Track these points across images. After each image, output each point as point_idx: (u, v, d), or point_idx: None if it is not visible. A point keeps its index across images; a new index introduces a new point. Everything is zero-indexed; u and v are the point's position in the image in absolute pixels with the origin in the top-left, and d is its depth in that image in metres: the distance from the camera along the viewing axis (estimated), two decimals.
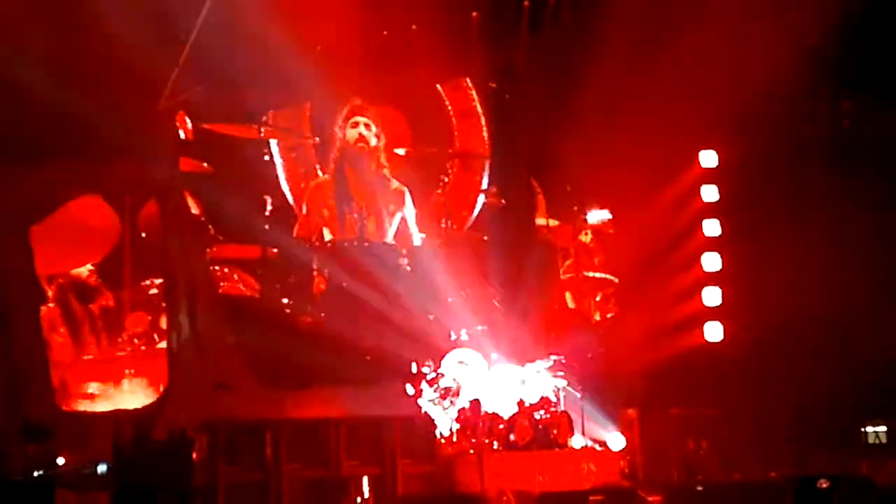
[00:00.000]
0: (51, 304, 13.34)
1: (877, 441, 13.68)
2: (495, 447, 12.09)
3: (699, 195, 14.98)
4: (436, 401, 12.46)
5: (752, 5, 14.24)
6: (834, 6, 14.27)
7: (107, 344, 13.42)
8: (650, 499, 11.16)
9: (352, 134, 15.01)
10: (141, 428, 10.94)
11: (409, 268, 14.24)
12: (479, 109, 16.35)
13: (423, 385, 12.55)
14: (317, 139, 15.40)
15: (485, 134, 16.24)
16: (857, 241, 14.30)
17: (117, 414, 11.56)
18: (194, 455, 10.54)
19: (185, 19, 12.36)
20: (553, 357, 12.97)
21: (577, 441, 12.34)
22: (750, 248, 14.57)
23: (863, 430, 13.75)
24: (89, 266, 13.61)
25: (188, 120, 13.78)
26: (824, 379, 13.88)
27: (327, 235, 14.91)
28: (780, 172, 14.68)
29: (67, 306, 13.45)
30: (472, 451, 11.85)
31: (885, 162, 14.50)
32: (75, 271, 13.53)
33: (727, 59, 14.23)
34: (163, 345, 12.93)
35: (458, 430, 12.21)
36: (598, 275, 15.40)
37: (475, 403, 12.29)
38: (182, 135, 13.54)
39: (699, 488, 12.44)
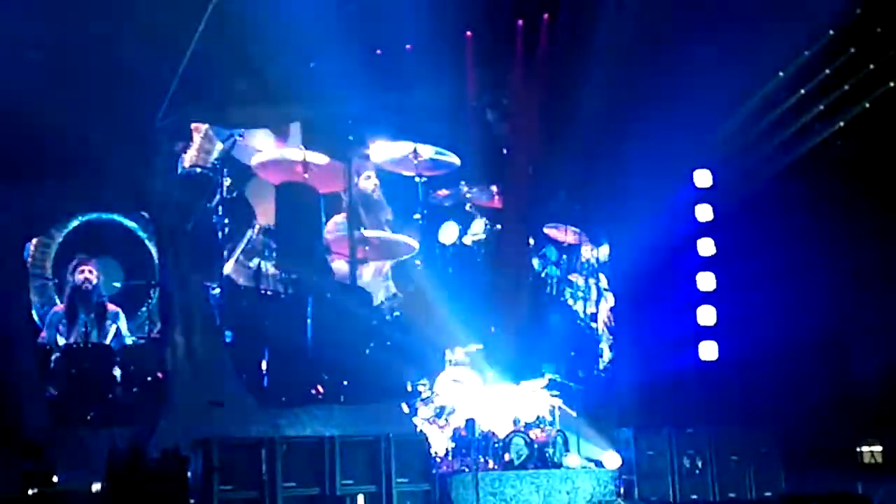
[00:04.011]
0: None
1: (872, 461, 13.67)
2: (491, 466, 12.06)
3: (694, 214, 15.00)
4: (431, 419, 12.44)
5: (746, 24, 14.27)
6: (827, 23, 14.35)
7: None
8: None
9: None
10: (136, 446, 10.91)
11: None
12: None
13: (419, 404, 12.53)
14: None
15: None
16: (852, 259, 14.34)
17: (112, 431, 11.50)
18: (189, 473, 10.50)
19: (182, 37, 12.32)
20: (548, 375, 12.94)
21: (572, 460, 12.30)
22: (744, 267, 14.58)
23: (858, 449, 13.73)
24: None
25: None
26: (820, 398, 13.90)
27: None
28: (774, 192, 14.71)
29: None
30: (467, 470, 11.81)
31: (880, 180, 14.53)
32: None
33: (722, 78, 14.26)
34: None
35: (453, 448, 12.19)
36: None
37: (470, 422, 12.25)
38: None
39: None
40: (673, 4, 14.34)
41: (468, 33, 15.45)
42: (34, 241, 13.43)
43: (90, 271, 12.87)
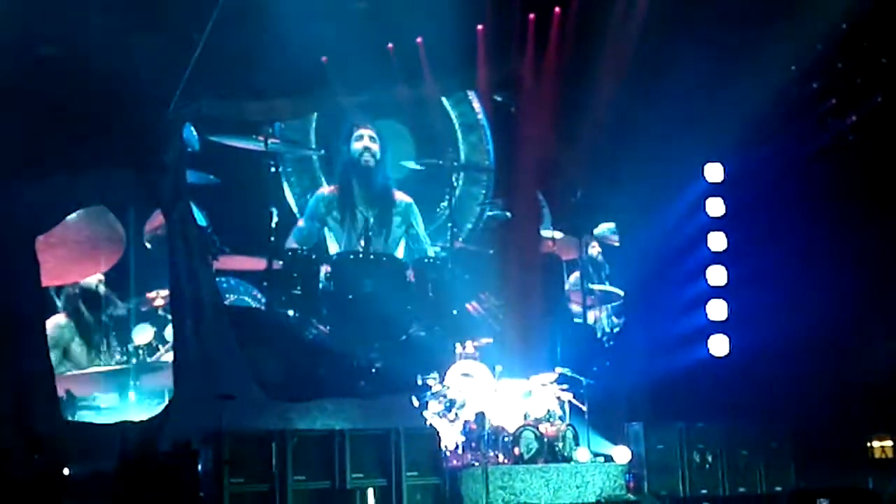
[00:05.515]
0: (61, 314, 13.42)
1: (883, 456, 13.65)
2: (501, 460, 12.07)
3: (704, 208, 14.99)
4: (441, 413, 12.44)
5: (757, 18, 14.24)
6: (839, 18, 14.31)
7: (116, 353, 13.48)
8: None
9: (357, 147, 15.07)
10: (146, 439, 10.95)
11: (414, 280, 14.32)
12: (484, 122, 16.53)
13: (429, 397, 12.54)
14: (322, 151, 15.59)
15: (489, 147, 16.45)
16: (863, 254, 14.29)
17: (123, 425, 11.54)
18: (199, 466, 10.54)
19: (194, 30, 12.32)
20: (559, 369, 12.93)
21: (582, 454, 12.30)
22: (755, 261, 14.55)
23: (869, 444, 13.72)
24: (99, 276, 13.68)
25: (195, 131, 13.87)
26: (830, 393, 13.86)
27: (332, 247, 14.97)
28: (785, 186, 14.67)
29: (78, 314, 13.52)
30: (477, 464, 11.82)
31: (893, 174, 14.48)
32: (84, 281, 13.60)
33: (734, 72, 14.24)
34: (168, 356, 12.97)
35: (463, 442, 12.20)
36: (604, 287, 15.43)
37: (480, 416, 12.25)
38: (189, 146, 13.66)
39: (704, 502, 12.49)
40: None
41: (479, 27, 15.42)
42: None
43: None
